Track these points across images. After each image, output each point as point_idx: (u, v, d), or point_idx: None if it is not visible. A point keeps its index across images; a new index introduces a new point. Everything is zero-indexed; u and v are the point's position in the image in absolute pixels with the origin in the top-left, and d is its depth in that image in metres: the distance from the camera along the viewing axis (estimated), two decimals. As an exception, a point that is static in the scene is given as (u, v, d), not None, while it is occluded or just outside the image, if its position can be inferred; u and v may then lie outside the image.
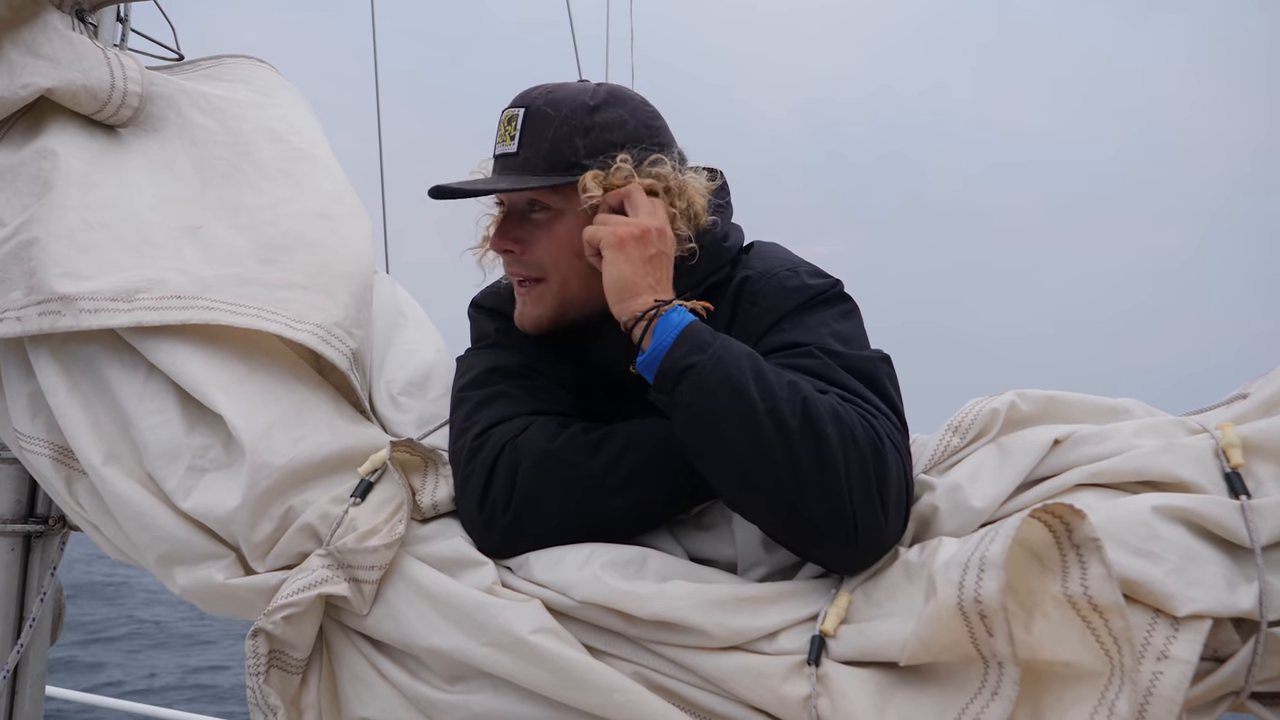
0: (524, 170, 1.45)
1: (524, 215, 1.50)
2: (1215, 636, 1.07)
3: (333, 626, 1.39)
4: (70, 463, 1.52)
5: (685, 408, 1.25)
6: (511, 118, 1.47)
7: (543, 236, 1.49)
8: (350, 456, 1.43)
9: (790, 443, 1.18)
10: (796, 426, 1.18)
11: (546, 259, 1.49)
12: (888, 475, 1.20)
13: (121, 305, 1.45)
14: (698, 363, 1.24)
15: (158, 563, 1.43)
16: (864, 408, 1.26)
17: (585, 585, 1.26)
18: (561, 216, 1.48)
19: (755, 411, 1.19)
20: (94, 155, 1.62)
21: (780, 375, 1.24)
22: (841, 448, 1.18)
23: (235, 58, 1.95)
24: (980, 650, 1.04)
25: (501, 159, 1.48)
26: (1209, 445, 1.20)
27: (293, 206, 1.66)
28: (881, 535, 1.21)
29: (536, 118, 1.45)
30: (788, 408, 1.19)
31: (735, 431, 1.21)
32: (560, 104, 1.46)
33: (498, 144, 1.49)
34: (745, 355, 1.26)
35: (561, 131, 1.44)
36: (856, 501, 1.18)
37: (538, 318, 1.52)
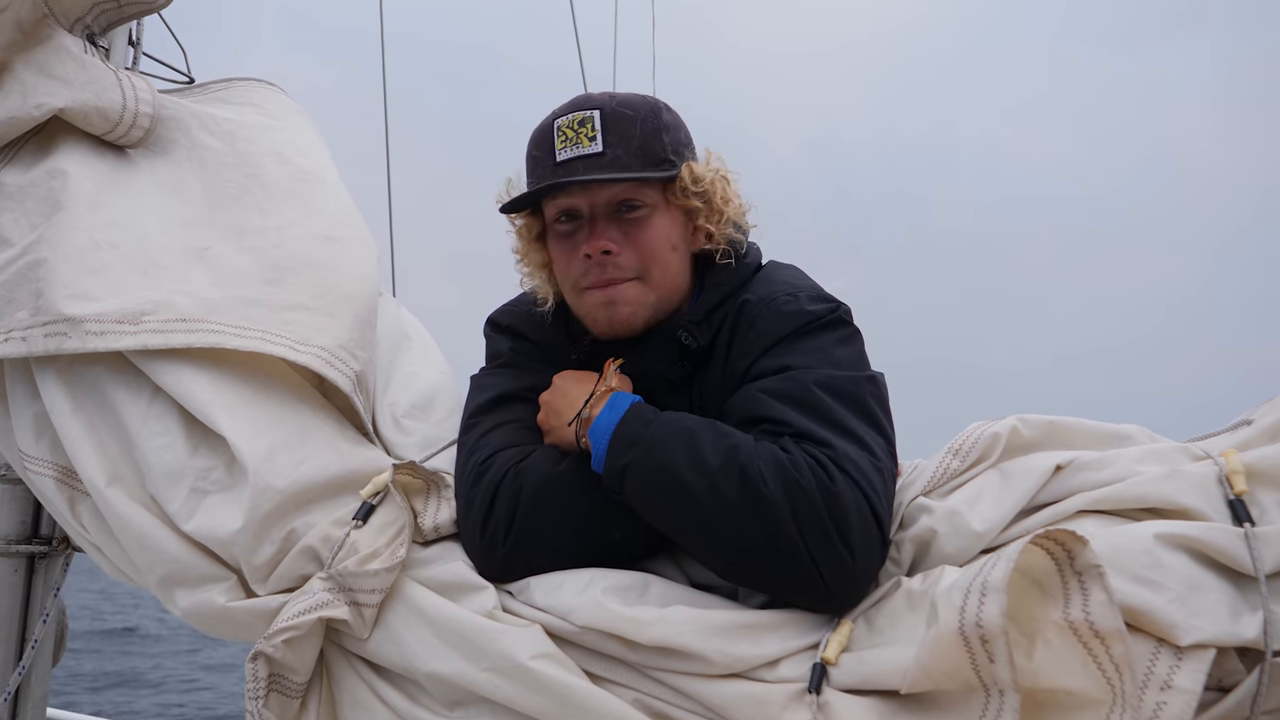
0: (616, 168, 1.45)
1: (615, 216, 1.49)
2: (1219, 666, 1.06)
3: (333, 650, 1.39)
4: (74, 484, 1.53)
5: (635, 502, 1.31)
6: (585, 120, 1.46)
7: (641, 233, 1.49)
8: (352, 479, 1.43)
9: (733, 513, 1.21)
10: (735, 497, 1.21)
11: (648, 256, 1.49)
12: (843, 512, 1.20)
13: (128, 327, 1.45)
14: (632, 460, 1.29)
15: (159, 585, 1.43)
16: (821, 442, 1.26)
17: (586, 610, 1.26)
18: (657, 212, 1.49)
19: (692, 494, 1.23)
20: (103, 176, 1.63)
21: (722, 441, 1.26)
22: (788, 503, 1.19)
23: (245, 80, 1.97)
24: (981, 677, 1.03)
25: (580, 160, 1.45)
26: (1212, 472, 1.19)
27: (299, 229, 1.67)
28: (851, 571, 1.21)
29: (617, 118, 1.46)
30: (723, 479, 1.22)
31: (682, 513, 1.26)
32: (633, 105, 1.48)
33: (567, 148, 1.46)
34: (679, 435, 1.29)
35: (648, 129, 1.47)
36: (814, 550, 1.18)
37: (631, 317, 1.50)
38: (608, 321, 1.51)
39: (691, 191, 1.49)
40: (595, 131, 1.45)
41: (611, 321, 1.51)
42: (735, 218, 1.55)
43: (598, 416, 1.36)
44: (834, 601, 1.23)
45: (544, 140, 1.48)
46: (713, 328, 1.50)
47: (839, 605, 1.23)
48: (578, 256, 1.49)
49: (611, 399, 1.38)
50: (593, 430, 1.35)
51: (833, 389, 1.33)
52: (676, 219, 1.52)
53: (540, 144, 1.49)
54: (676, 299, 1.53)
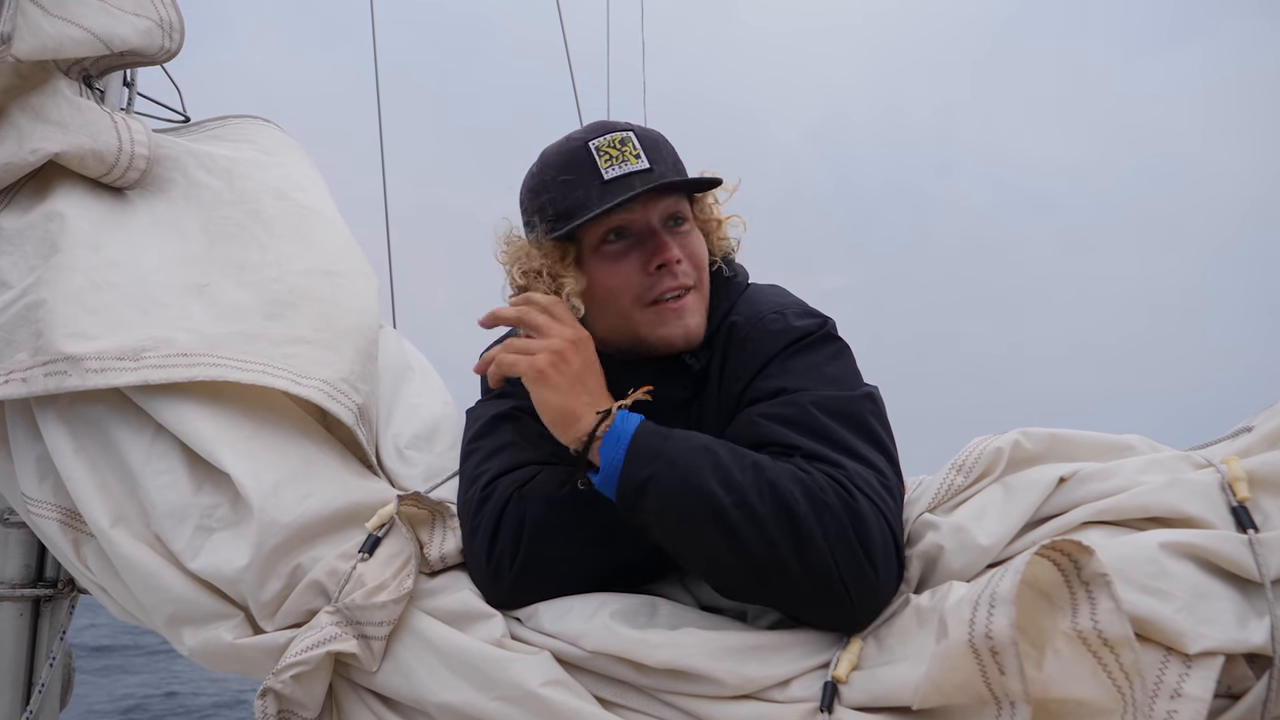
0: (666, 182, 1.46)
1: (663, 230, 1.47)
2: (1228, 673, 1.06)
3: (342, 684, 1.38)
4: (78, 525, 1.52)
5: (653, 517, 1.26)
6: (625, 139, 1.46)
7: (694, 244, 1.50)
8: (357, 512, 1.44)
9: (764, 529, 1.18)
10: (768, 512, 1.18)
11: (700, 265, 1.51)
12: (868, 530, 1.19)
13: (128, 364, 1.46)
14: (654, 473, 1.24)
15: (166, 624, 1.43)
16: (833, 463, 1.25)
17: (595, 635, 1.25)
18: (694, 227, 1.52)
19: (722, 508, 1.19)
20: (101, 217, 1.64)
21: (743, 458, 1.25)
22: (817, 519, 1.18)
23: (240, 118, 1.98)
24: (992, 690, 1.04)
25: (638, 175, 1.44)
26: (1215, 479, 1.20)
27: (299, 263, 1.68)
28: (876, 591, 1.21)
29: (650, 139, 1.48)
30: (755, 495, 1.19)
31: (708, 531, 1.21)
32: (653, 130, 1.51)
33: (616, 165, 1.44)
34: (701, 450, 1.26)
35: (673, 150, 1.51)
36: (843, 568, 1.18)
37: (700, 326, 1.50)
38: (684, 333, 1.47)
39: (714, 208, 1.55)
40: (638, 150, 1.45)
41: (687, 332, 1.47)
42: (728, 236, 1.59)
43: (610, 431, 1.31)
44: (858, 620, 1.22)
45: (578, 163, 1.45)
46: (709, 350, 1.51)
47: (861, 623, 1.22)
48: (640, 271, 1.46)
49: (620, 415, 1.33)
50: (605, 441, 1.29)
51: (832, 410, 1.33)
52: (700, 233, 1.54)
53: (573, 167, 1.46)
54: None
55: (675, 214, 1.48)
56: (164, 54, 1.83)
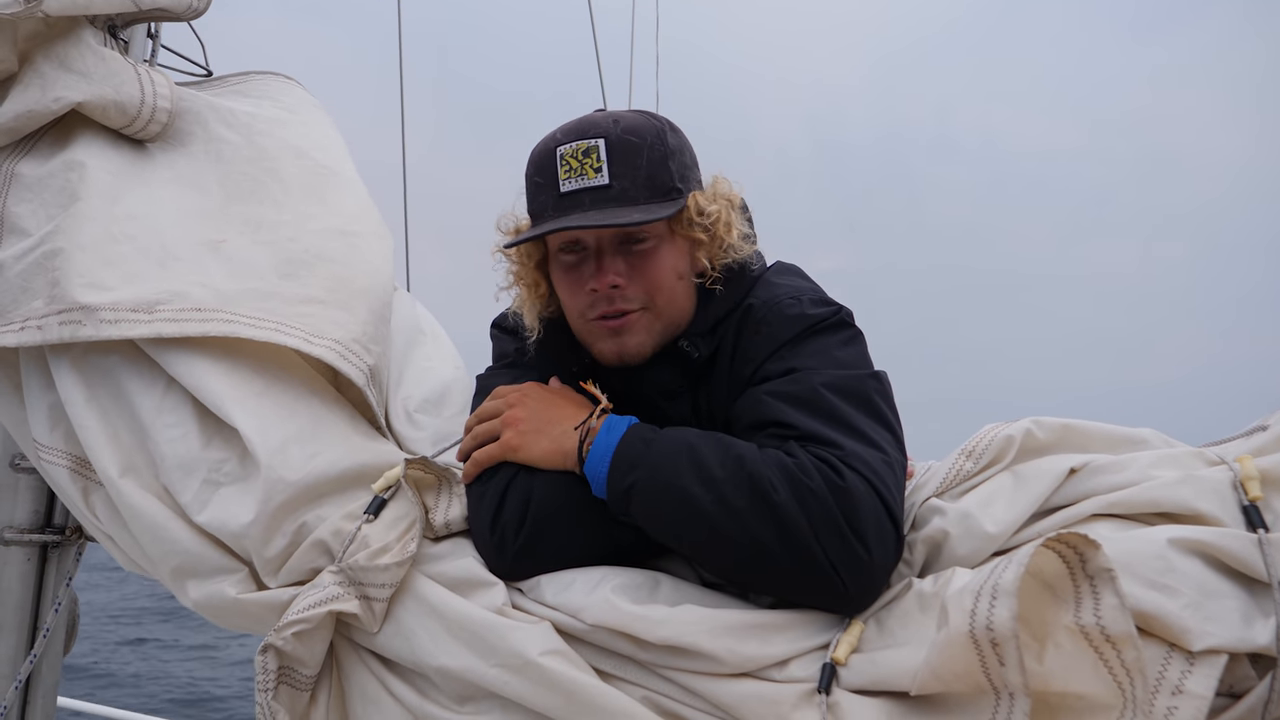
0: (624, 201, 1.41)
1: (620, 248, 1.46)
2: (1231, 672, 1.06)
3: (343, 644, 1.39)
4: (87, 474, 1.53)
5: (642, 521, 1.30)
6: (589, 150, 1.41)
7: (649, 266, 1.46)
8: (364, 473, 1.44)
9: (744, 522, 1.20)
10: (745, 505, 1.20)
11: (654, 288, 1.47)
12: (857, 509, 1.19)
13: (142, 316, 1.46)
14: (635, 481, 1.28)
15: (171, 576, 1.44)
16: (829, 443, 1.25)
17: (596, 609, 1.26)
18: (663, 243, 1.47)
19: (701, 507, 1.22)
20: (121, 169, 1.64)
21: (727, 452, 1.26)
22: (798, 505, 1.18)
23: (263, 74, 1.97)
24: (992, 680, 1.03)
25: (587, 193, 1.41)
26: (1227, 477, 1.19)
27: (315, 223, 1.67)
28: (869, 569, 1.20)
29: (623, 146, 1.42)
30: (732, 489, 1.21)
31: (693, 529, 1.24)
32: (639, 130, 1.44)
33: (572, 179, 1.42)
34: (682, 450, 1.28)
35: (654, 156, 1.43)
36: (830, 551, 1.17)
37: (640, 346, 1.49)
38: (616, 353, 1.49)
39: (696, 223, 1.46)
40: (601, 162, 1.40)
41: (621, 353, 1.49)
42: (737, 245, 1.51)
43: (596, 441, 1.35)
44: (853, 601, 1.22)
45: (546, 167, 1.44)
46: (717, 336, 1.50)
47: (858, 605, 1.22)
48: (583, 289, 1.46)
49: (606, 422, 1.37)
50: (590, 455, 1.34)
51: (839, 388, 1.33)
52: (682, 248, 1.49)
53: (542, 170, 1.45)
54: (684, 321, 1.52)
55: (631, 235, 1.45)
56: (191, 12, 1.82)
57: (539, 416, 1.42)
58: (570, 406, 1.44)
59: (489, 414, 1.46)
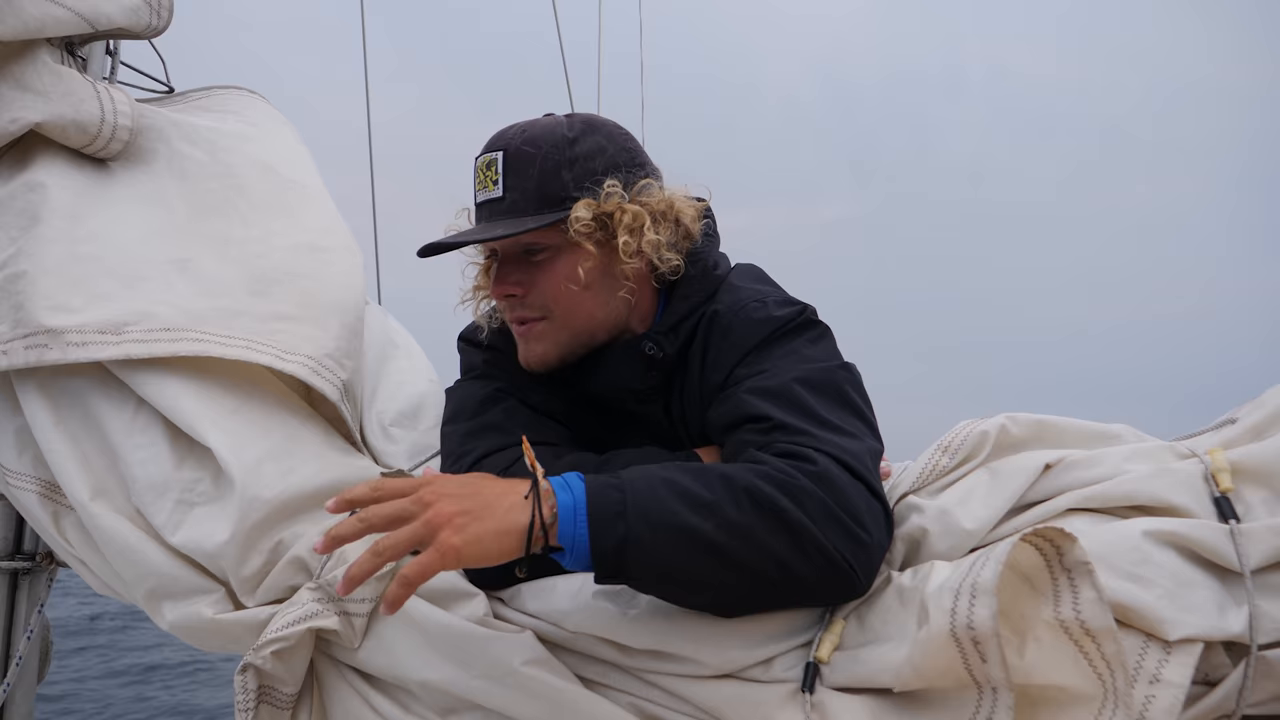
0: (513, 213, 1.43)
1: (520, 258, 1.48)
2: (1206, 660, 1.08)
3: (323, 660, 1.38)
4: (57, 498, 1.51)
5: (642, 573, 1.16)
6: (490, 163, 1.45)
7: (543, 276, 1.47)
8: (341, 488, 1.40)
9: (755, 539, 1.13)
10: (752, 521, 1.13)
11: (550, 298, 1.47)
12: (846, 493, 1.18)
13: (110, 338, 1.44)
14: (627, 533, 1.11)
15: (146, 598, 1.42)
16: (804, 433, 1.24)
17: (577, 615, 1.26)
18: (560, 253, 1.46)
19: (707, 536, 1.12)
20: (82, 188, 1.61)
21: (706, 476, 1.17)
22: (796, 504, 1.14)
23: (225, 89, 1.95)
24: (974, 676, 1.04)
25: (487, 205, 1.46)
26: (1199, 470, 1.21)
27: (283, 238, 1.66)
28: (870, 551, 1.20)
29: (517, 158, 1.43)
30: (731, 507, 1.13)
31: (701, 564, 1.14)
32: (538, 140, 1.44)
33: (478, 191, 1.47)
34: (660, 484, 1.15)
35: (546, 167, 1.42)
36: (836, 542, 1.15)
37: (543, 354, 1.51)
38: (524, 358, 1.53)
39: (583, 232, 1.42)
40: (498, 175, 1.44)
41: (527, 359, 1.52)
42: (651, 250, 1.45)
43: (558, 504, 1.13)
44: (861, 588, 1.20)
45: (472, 175, 1.51)
46: (680, 338, 1.50)
47: (862, 590, 1.21)
48: (496, 294, 1.52)
49: (556, 484, 1.16)
50: (561, 522, 1.12)
51: (810, 383, 1.33)
52: (587, 254, 1.44)
53: (471, 178, 1.51)
54: (595, 329, 1.51)
55: (528, 245, 1.47)
56: (151, 31, 1.80)
57: (469, 499, 1.12)
58: (491, 481, 1.18)
59: (392, 492, 1.14)
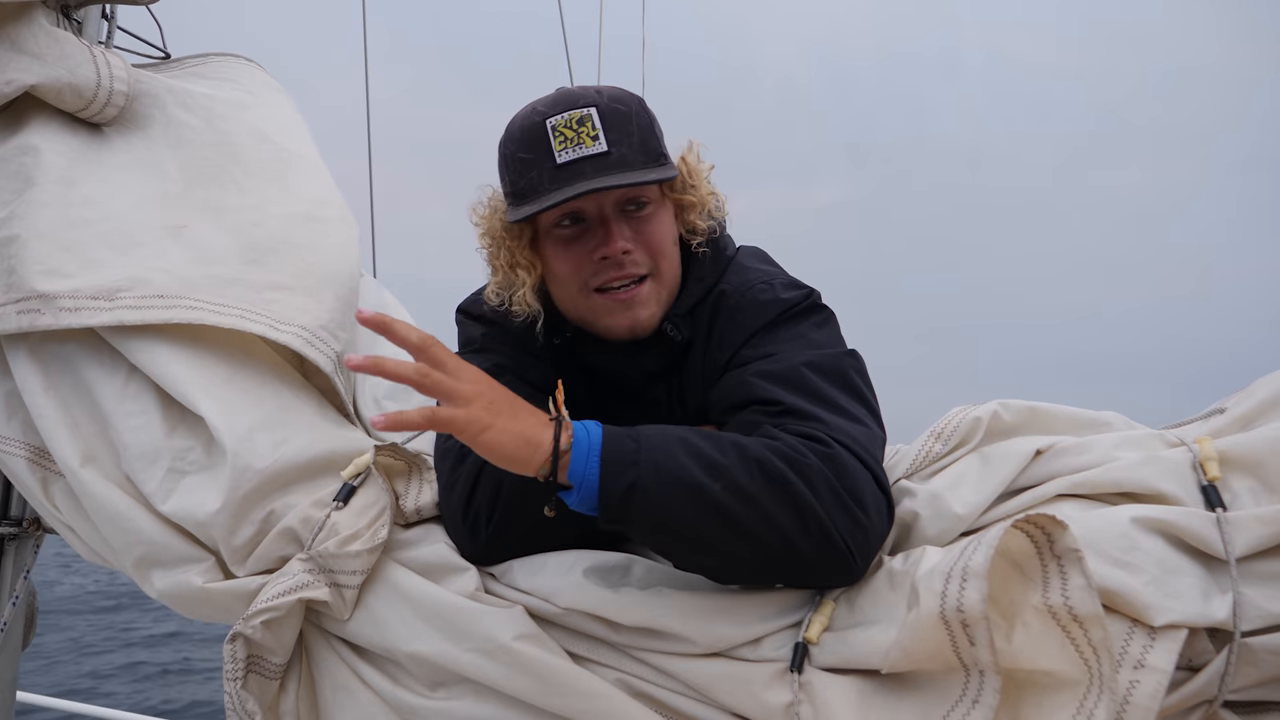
0: (624, 167, 1.40)
1: (621, 216, 1.44)
2: (1190, 646, 1.09)
3: (313, 631, 1.38)
4: (46, 464, 1.50)
5: (643, 523, 1.17)
6: (583, 119, 1.40)
7: (650, 230, 1.46)
8: (333, 460, 1.42)
9: (762, 508, 1.15)
10: (761, 490, 1.15)
11: (656, 252, 1.46)
12: (854, 479, 1.19)
13: (103, 304, 1.43)
14: (636, 479, 1.15)
15: (135, 566, 1.42)
16: (814, 418, 1.25)
17: (568, 592, 1.26)
18: (659, 208, 1.47)
19: (713, 496, 1.14)
20: (77, 152, 1.60)
21: (720, 441, 1.20)
22: (806, 483, 1.16)
23: (222, 56, 1.93)
24: (962, 659, 1.05)
25: (588, 161, 1.39)
26: (1187, 458, 1.22)
27: (279, 208, 1.65)
28: (870, 538, 1.21)
29: (614, 114, 1.41)
30: (744, 476, 1.15)
31: (705, 525, 1.15)
32: (623, 99, 1.44)
33: (570, 148, 1.39)
34: (677, 442, 1.19)
35: (642, 123, 1.44)
36: (838, 523, 1.16)
37: (650, 317, 1.47)
38: (629, 326, 1.46)
39: (688, 186, 1.48)
40: (597, 130, 1.39)
41: (633, 325, 1.46)
42: (714, 209, 1.55)
43: (574, 443, 1.18)
44: (856, 573, 1.21)
45: (535, 141, 1.41)
46: (694, 320, 1.51)
47: (858, 575, 1.22)
48: (589, 259, 1.44)
49: (577, 427, 1.20)
50: (573, 462, 1.16)
51: (818, 367, 1.34)
52: (671, 213, 1.50)
53: (531, 145, 1.41)
54: (676, 292, 1.51)
55: (633, 199, 1.45)
56: (148, -4, 1.78)
57: (506, 403, 1.20)
58: (525, 404, 1.23)
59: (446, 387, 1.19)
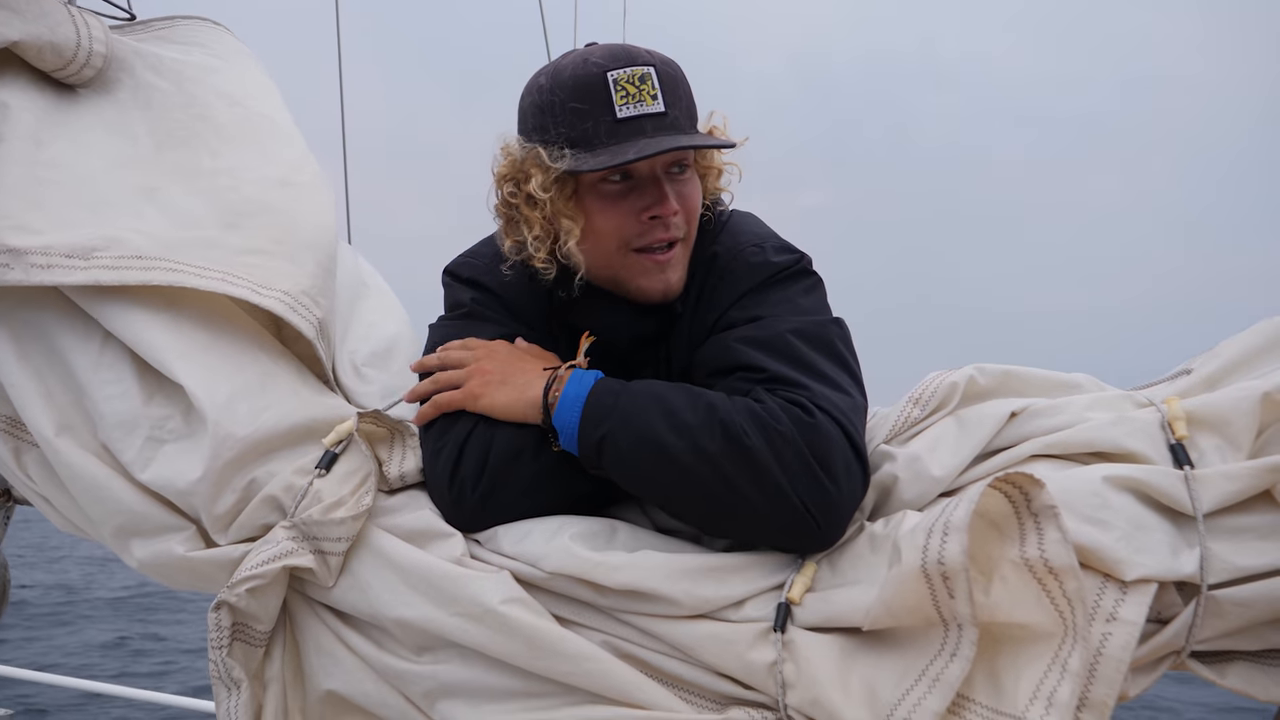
0: (679, 129, 1.42)
1: (665, 178, 1.44)
2: (1159, 599, 1.13)
3: (297, 599, 1.38)
4: (19, 434, 1.48)
5: (615, 474, 1.30)
6: (645, 76, 1.40)
7: (691, 193, 1.47)
8: (315, 427, 1.41)
9: (719, 469, 1.21)
10: (719, 450, 1.21)
11: (692, 216, 1.48)
12: (827, 446, 1.22)
13: (78, 263, 1.38)
14: (608, 432, 1.28)
15: (114, 536, 1.40)
16: (798, 384, 1.28)
17: (554, 557, 1.27)
18: (693, 173, 1.49)
19: (676, 455, 1.23)
20: (46, 113, 1.55)
21: (697, 400, 1.27)
22: (770, 449, 1.20)
23: (189, 19, 1.89)
24: (941, 613, 1.09)
25: (649, 119, 1.39)
26: (1155, 418, 1.26)
27: (253, 173, 1.62)
28: (839, 506, 1.23)
29: (670, 76, 1.43)
30: (706, 436, 1.22)
31: (667, 478, 1.26)
32: (673, 64, 1.46)
33: (631, 104, 1.39)
34: (652, 400, 1.28)
35: (686, 88, 1.46)
36: (801, 490, 1.20)
37: (680, 280, 1.50)
38: (663, 288, 1.48)
39: (717, 155, 1.51)
40: (656, 90, 1.40)
41: (667, 287, 1.48)
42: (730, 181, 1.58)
43: (564, 392, 1.34)
44: (822, 539, 1.24)
45: (593, 93, 1.39)
46: (689, 282, 1.52)
47: (826, 541, 1.25)
48: (636, 217, 1.43)
49: (573, 376, 1.37)
50: (559, 409, 1.33)
51: (804, 334, 1.36)
52: (698, 180, 1.52)
53: (587, 96, 1.39)
54: None
55: (679, 161, 1.46)
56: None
57: (506, 369, 1.42)
58: (538, 362, 1.45)
59: (454, 362, 1.46)
